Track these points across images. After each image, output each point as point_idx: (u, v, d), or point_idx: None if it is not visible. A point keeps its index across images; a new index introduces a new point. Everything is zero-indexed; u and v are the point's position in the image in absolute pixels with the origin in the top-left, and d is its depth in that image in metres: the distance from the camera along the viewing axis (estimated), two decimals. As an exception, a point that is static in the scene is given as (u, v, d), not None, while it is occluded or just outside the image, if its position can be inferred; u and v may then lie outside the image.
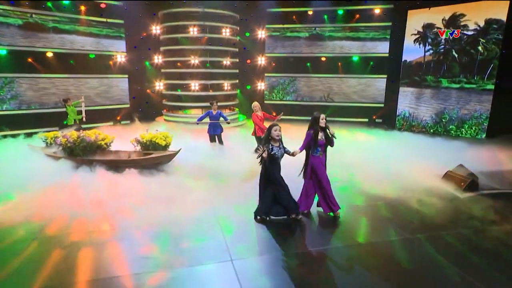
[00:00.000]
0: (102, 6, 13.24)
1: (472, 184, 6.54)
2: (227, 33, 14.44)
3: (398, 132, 13.03)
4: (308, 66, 15.39)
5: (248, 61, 15.94)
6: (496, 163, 8.05)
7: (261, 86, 16.11)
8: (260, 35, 15.52)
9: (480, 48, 11.57)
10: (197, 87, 14.35)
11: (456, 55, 12.10)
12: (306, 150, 5.14)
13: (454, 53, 12.13)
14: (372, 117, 14.82)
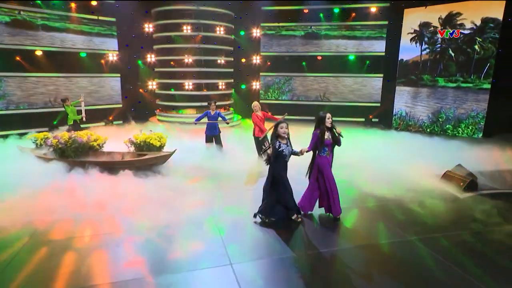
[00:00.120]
0: (93, 3, 13.07)
1: (471, 184, 6.57)
2: (221, 32, 14.36)
3: (395, 131, 13.08)
4: (304, 65, 15.38)
5: (243, 60, 15.88)
6: (494, 163, 8.10)
7: (256, 85, 16.06)
8: (255, 34, 15.48)
9: (476, 47, 11.67)
10: (191, 87, 14.25)
11: (452, 54, 12.19)
12: (313, 150, 5.10)
13: (450, 52, 12.22)
14: (368, 117, 14.89)
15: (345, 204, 5.66)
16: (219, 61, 14.64)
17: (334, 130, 5.04)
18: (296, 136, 5.61)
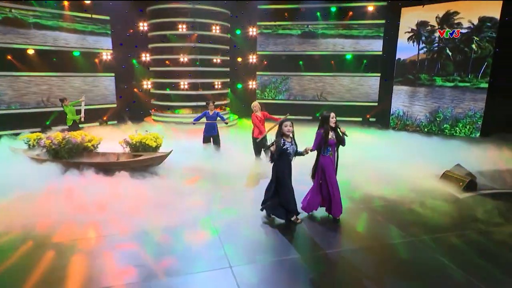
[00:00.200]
0: (87, 2, 12.94)
1: (470, 184, 6.60)
2: (217, 31, 14.31)
3: (392, 131, 13.12)
4: (301, 65, 15.38)
5: (239, 59, 15.84)
6: (492, 163, 8.16)
7: (252, 84, 16.02)
8: (251, 33, 15.44)
9: (474, 46, 11.75)
10: (186, 86, 14.18)
11: (450, 53, 12.25)
12: (317, 150, 5.08)
13: (448, 51, 12.28)
14: (366, 116, 14.92)
15: (346, 204, 5.64)
16: (215, 60, 14.58)
17: (338, 129, 5.02)
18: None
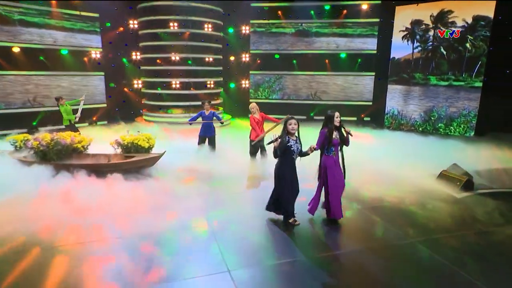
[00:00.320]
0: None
1: (467, 184, 6.64)
2: (209, 29, 14.21)
3: (387, 130, 13.20)
4: (294, 63, 15.37)
5: (232, 58, 15.76)
6: (488, 162, 8.22)
7: (245, 84, 15.96)
8: (244, 31, 15.38)
9: (468, 45, 11.88)
10: (178, 85, 14.05)
11: (444, 52, 12.37)
12: (320, 150, 5.04)
13: (442, 50, 12.40)
14: (360, 116, 14.98)
15: (345, 206, 5.62)
16: (207, 59, 14.47)
17: (342, 129, 5.00)
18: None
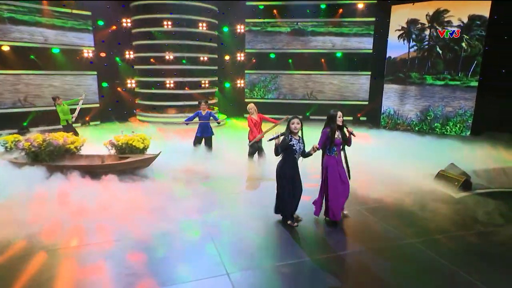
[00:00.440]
0: None
1: (465, 184, 6.69)
2: (204, 27, 14.15)
3: (383, 130, 13.25)
4: (290, 63, 15.37)
5: (227, 57, 15.72)
6: (485, 161, 8.29)
7: (241, 83, 15.93)
8: (239, 30, 15.34)
9: (464, 44, 11.98)
10: (172, 85, 13.97)
11: (440, 52, 12.46)
12: (322, 150, 5.02)
13: (438, 49, 12.49)
14: (356, 115, 15.04)
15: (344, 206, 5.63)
16: (202, 58, 14.41)
17: (345, 129, 4.99)
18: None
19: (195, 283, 3.72)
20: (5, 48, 11.52)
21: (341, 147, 5.04)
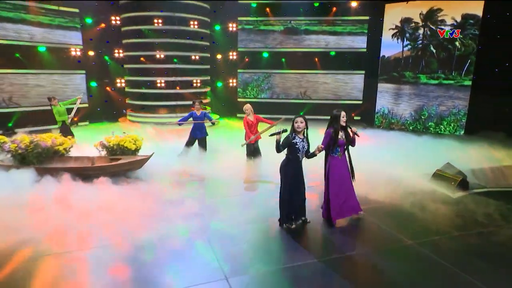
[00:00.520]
0: None
1: (462, 183, 6.73)
2: (195, 26, 14.01)
3: (378, 130, 13.30)
4: (283, 62, 15.33)
5: (219, 55, 15.60)
6: (479, 161, 8.36)
7: (233, 83, 15.83)
8: (231, 28, 15.24)
9: (457, 43, 12.10)
10: (163, 84, 13.80)
11: (434, 51, 12.57)
12: (325, 151, 4.96)
13: (432, 48, 12.59)
14: (350, 115, 15.06)
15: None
16: (193, 57, 14.27)
17: (349, 129, 4.93)
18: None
19: (193, 289, 3.65)
20: (-11, 46, 11.24)
21: (345, 147, 4.99)
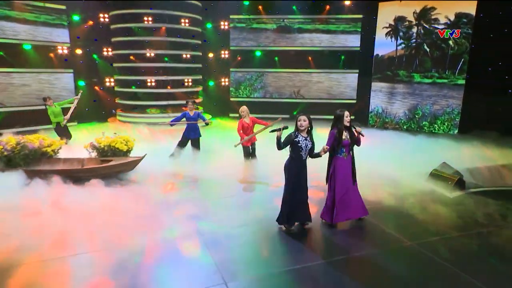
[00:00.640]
0: None
1: (459, 183, 6.79)
2: (186, 24, 13.90)
3: (372, 129, 13.37)
4: (276, 61, 15.31)
5: (211, 54, 15.51)
6: (474, 160, 8.46)
7: (225, 82, 15.76)
8: (223, 26, 15.17)
9: (451, 42, 12.25)
10: (154, 84, 13.65)
11: (427, 50, 12.70)
12: (330, 152, 4.94)
13: (425, 47, 12.72)
14: (344, 114, 15.10)
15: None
16: (184, 56, 14.15)
17: (353, 129, 4.93)
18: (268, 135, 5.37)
19: (191, 295, 3.59)
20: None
21: (349, 147, 4.99)
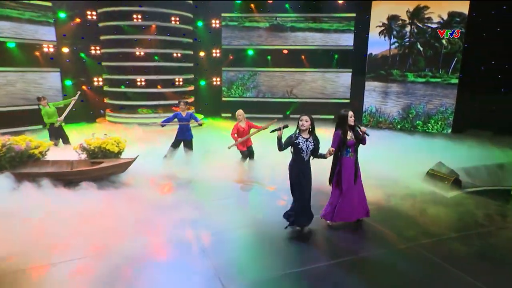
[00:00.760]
0: None
1: (456, 182, 6.86)
2: (177, 22, 13.78)
3: (366, 129, 13.41)
4: (269, 60, 15.29)
5: (202, 53, 15.41)
6: (469, 159, 8.54)
7: (217, 81, 15.67)
8: (215, 25, 15.09)
9: (444, 41, 12.39)
10: (144, 83, 13.49)
11: (421, 49, 12.82)
12: (335, 152, 4.92)
13: (419, 46, 12.84)
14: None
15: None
16: (175, 55, 14.02)
17: (357, 128, 4.92)
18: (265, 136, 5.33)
19: (189, 301, 3.53)
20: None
21: (355, 147, 4.99)
